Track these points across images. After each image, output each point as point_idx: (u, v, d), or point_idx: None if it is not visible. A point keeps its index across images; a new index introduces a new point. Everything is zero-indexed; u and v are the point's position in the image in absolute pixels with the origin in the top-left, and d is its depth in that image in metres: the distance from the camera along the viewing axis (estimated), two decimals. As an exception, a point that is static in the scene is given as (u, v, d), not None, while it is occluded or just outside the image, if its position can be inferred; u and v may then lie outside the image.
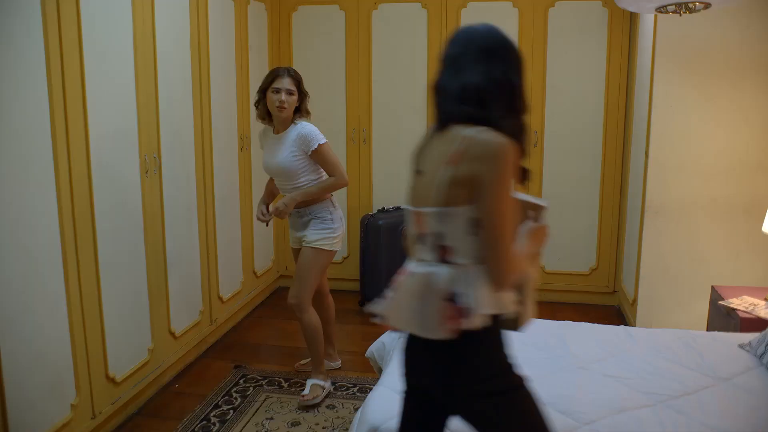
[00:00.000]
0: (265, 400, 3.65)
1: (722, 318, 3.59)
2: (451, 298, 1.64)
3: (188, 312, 4.09)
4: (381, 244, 4.95)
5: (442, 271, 1.67)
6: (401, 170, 5.36)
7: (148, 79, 3.52)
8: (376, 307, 1.83)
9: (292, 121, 3.55)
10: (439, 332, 1.65)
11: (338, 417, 3.47)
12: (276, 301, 5.38)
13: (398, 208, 5.19)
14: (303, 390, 3.68)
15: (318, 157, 3.52)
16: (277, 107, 3.45)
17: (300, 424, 3.39)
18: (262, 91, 3.51)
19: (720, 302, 3.62)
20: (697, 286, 4.16)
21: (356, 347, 4.35)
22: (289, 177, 3.55)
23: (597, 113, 5.09)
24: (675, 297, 4.22)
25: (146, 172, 3.53)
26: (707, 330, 3.83)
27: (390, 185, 5.40)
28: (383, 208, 5.20)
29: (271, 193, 3.85)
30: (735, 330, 3.37)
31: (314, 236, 3.58)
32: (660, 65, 4.05)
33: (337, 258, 5.54)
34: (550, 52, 5.06)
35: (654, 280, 4.27)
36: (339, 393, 3.75)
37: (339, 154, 5.33)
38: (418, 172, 1.84)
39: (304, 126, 3.53)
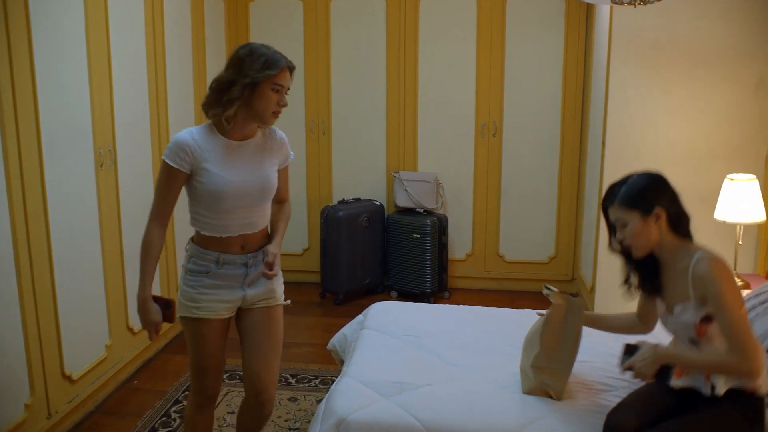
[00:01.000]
0: (227, 393, 3.61)
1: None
2: None
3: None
4: (341, 235, 4.94)
5: None
6: (361, 161, 5.36)
7: (101, 71, 3.44)
8: None
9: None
10: None
11: (300, 409, 3.46)
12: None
13: (358, 200, 5.18)
14: None
15: (284, 172, 2.62)
16: (275, 112, 2.37)
17: (262, 418, 3.37)
18: (251, 85, 2.28)
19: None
20: (653, 272, 4.24)
21: (317, 339, 4.34)
22: (265, 200, 2.45)
23: (555, 104, 5.14)
24: (632, 284, 4.29)
25: (101, 166, 3.46)
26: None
27: (350, 177, 5.39)
28: (343, 199, 5.18)
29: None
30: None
31: (280, 288, 2.58)
32: (616, 56, 4.11)
33: (297, 250, 5.52)
34: (509, 43, 5.09)
35: (611, 268, 4.30)
36: (301, 385, 3.73)
37: (299, 146, 5.32)
38: None
39: (279, 131, 2.60)
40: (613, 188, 2.29)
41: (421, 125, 5.26)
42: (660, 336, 2.64)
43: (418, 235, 5.01)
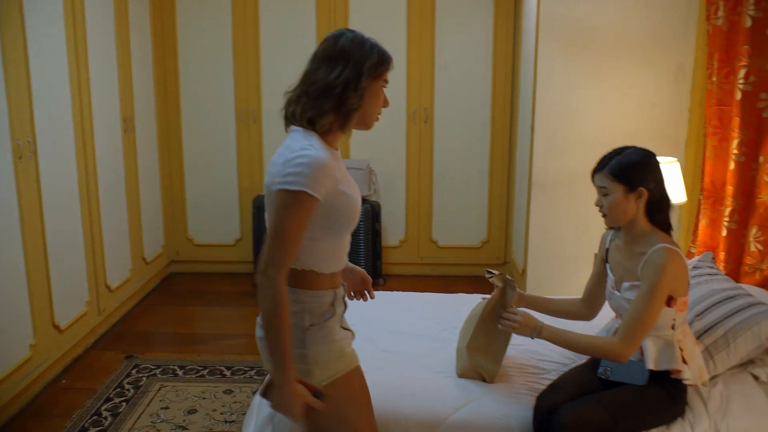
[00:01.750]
0: (160, 389, 3.54)
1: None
2: None
3: (73, 303, 3.90)
4: (275, 225, 4.89)
5: None
6: (293, 150, 5.30)
7: (16, 59, 3.30)
8: None
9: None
10: None
11: (236, 402, 3.42)
12: (168, 287, 5.22)
13: (291, 188, 5.13)
14: (200, 375, 3.59)
15: None
16: (355, 108, 1.88)
17: (197, 411, 3.32)
18: (360, 77, 1.85)
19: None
20: (582, 255, 4.35)
21: (252, 330, 4.22)
22: None
23: (485, 90, 5.20)
24: (561, 266, 4.39)
25: (20, 158, 3.32)
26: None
27: (282, 165, 5.33)
28: (276, 188, 5.13)
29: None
30: (616, 294, 3.55)
31: None
32: (543, 43, 4.18)
33: (230, 240, 5.44)
34: (438, 30, 5.11)
35: (541, 251, 4.43)
36: (236, 377, 3.69)
37: (228, 135, 5.25)
38: None
39: None
40: (606, 157, 2.33)
41: (353, 112, 5.23)
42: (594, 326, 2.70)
43: (352, 223, 5.00)
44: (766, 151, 3.32)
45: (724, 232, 3.50)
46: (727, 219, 3.48)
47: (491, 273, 2.51)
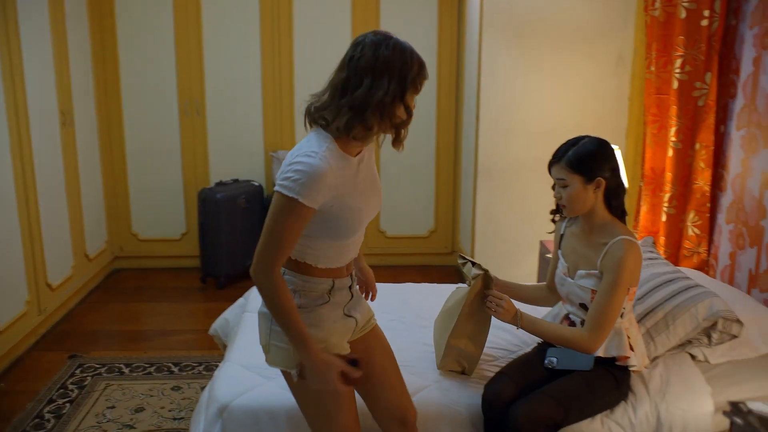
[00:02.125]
0: (105, 388, 3.47)
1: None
2: None
3: (11, 303, 3.78)
4: (220, 218, 4.82)
5: None
6: (238, 142, 5.24)
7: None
8: None
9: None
10: None
11: (185, 398, 3.37)
12: (112, 284, 5.11)
13: (236, 181, 5.07)
14: (147, 373, 3.53)
15: None
16: (405, 120, 1.88)
17: (144, 409, 3.26)
18: (406, 91, 1.83)
19: (547, 255, 3.87)
20: (528, 241, 4.42)
21: (199, 325, 4.24)
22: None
23: (430, 79, 5.17)
24: (508, 253, 4.46)
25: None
26: (537, 282, 4.08)
27: (226, 158, 5.26)
28: (221, 181, 5.06)
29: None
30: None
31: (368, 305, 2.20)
32: (487, 34, 4.21)
33: (175, 235, 5.35)
34: (383, 19, 5.11)
35: (488, 239, 4.49)
36: (184, 373, 3.64)
37: (171, 127, 5.15)
38: None
39: None
40: (562, 148, 2.32)
41: (298, 103, 5.20)
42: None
43: (299, 215, 4.97)
44: (701, 139, 3.42)
45: (664, 218, 3.60)
46: (666, 205, 3.58)
47: (465, 260, 2.47)
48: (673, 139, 3.48)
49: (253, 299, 3.16)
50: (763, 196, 3.07)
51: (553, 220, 2.51)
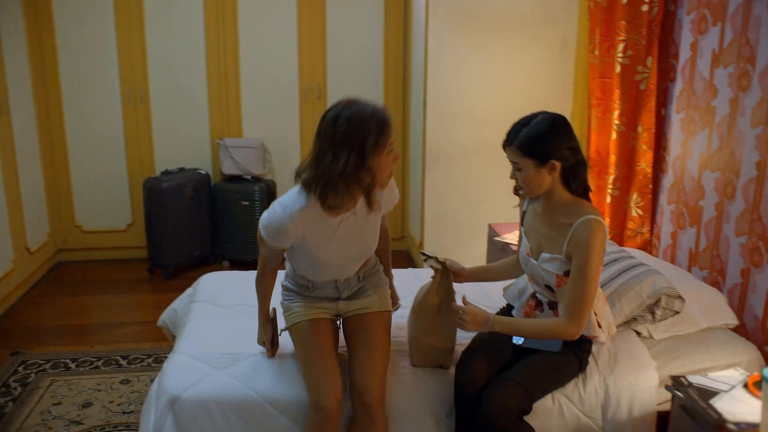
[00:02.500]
0: (51, 384, 3.38)
1: (498, 253, 3.89)
2: None
3: (-51, 299, 3.65)
4: (166, 207, 4.73)
5: None
6: (183, 130, 5.15)
7: None
8: None
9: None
10: None
11: (134, 391, 3.32)
12: (56, 277, 4.98)
13: (182, 169, 4.98)
14: (95, 367, 3.46)
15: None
16: (371, 183, 2.13)
17: (92, 404, 3.19)
18: (366, 158, 2.05)
19: (496, 238, 3.91)
20: (476, 225, 4.47)
21: (148, 317, 4.17)
22: (362, 260, 2.41)
23: (377, 65, 5.21)
24: (457, 237, 4.49)
25: None
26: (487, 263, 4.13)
27: (172, 146, 5.16)
28: (166, 170, 4.96)
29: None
30: (510, 263, 3.66)
31: (380, 300, 2.45)
32: (433, 19, 4.22)
33: (121, 225, 5.24)
34: (329, 4, 5.06)
35: (437, 223, 4.52)
36: (133, 366, 3.57)
37: (114, 116, 5.03)
38: None
39: None
40: (514, 128, 2.22)
41: (244, 90, 5.13)
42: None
43: (247, 202, 4.93)
44: (643, 122, 3.49)
45: (609, 199, 3.68)
46: (610, 186, 3.66)
47: (427, 256, 2.43)
48: (617, 122, 3.55)
49: (201, 289, 3.12)
50: (701, 177, 3.16)
51: (516, 193, 2.36)
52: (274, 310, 2.48)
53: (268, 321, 2.46)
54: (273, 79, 5.13)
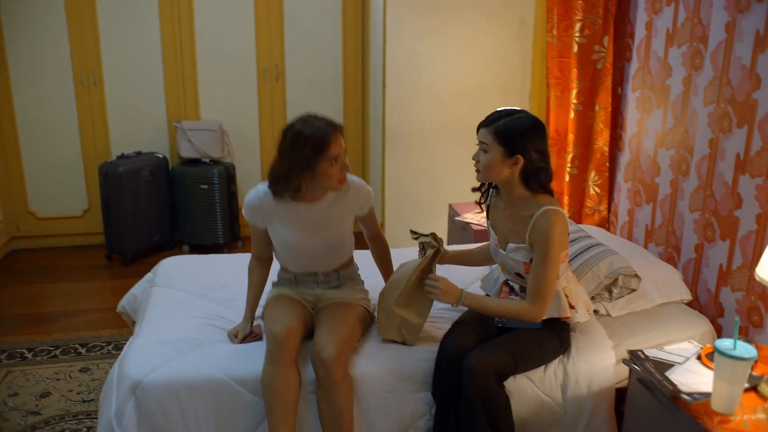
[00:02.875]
0: (6, 375, 3.31)
1: (459, 232, 3.93)
2: None
3: None
4: (123, 192, 4.65)
5: None
6: (139, 113, 5.06)
7: None
8: None
9: None
10: None
11: (94, 379, 3.27)
12: (9, 265, 4.86)
13: (139, 153, 4.90)
14: (53, 356, 3.40)
15: (369, 216, 2.71)
16: (339, 180, 2.44)
17: (51, 394, 3.14)
18: (309, 170, 2.35)
19: (456, 218, 3.94)
20: (437, 205, 4.48)
21: (107, 303, 4.11)
22: (332, 255, 2.60)
23: (336, 46, 5.16)
24: (418, 218, 4.51)
25: None
26: (448, 244, 4.15)
27: (128, 129, 5.06)
28: (122, 154, 4.87)
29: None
30: (470, 241, 3.69)
31: (354, 295, 2.60)
32: (391, -2, 4.19)
33: (76, 211, 5.14)
34: (286, -16, 5.01)
35: (398, 204, 4.52)
36: (93, 354, 3.52)
37: (67, 99, 4.92)
38: None
39: (356, 180, 2.65)
40: (496, 114, 2.29)
41: (201, 72, 5.05)
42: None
43: (206, 186, 4.86)
44: (600, 100, 3.53)
45: (567, 178, 3.72)
46: (569, 165, 3.70)
47: (417, 234, 2.47)
48: (575, 101, 3.58)
49: (161, 273, 3.08)
50: (656, 155, 3.22)
51: (478, 202, 2.54)
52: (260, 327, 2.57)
53: (251, 320, 2.56)
54: (230, 60, 5.06)
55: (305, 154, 2.31)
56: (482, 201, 2.54)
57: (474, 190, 2.52)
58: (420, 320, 2.47)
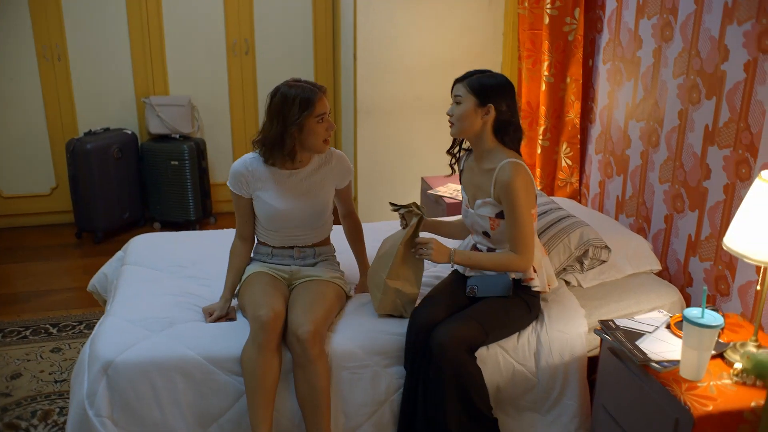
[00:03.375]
0: (-24, 357, 3.28)
1: (432, 205, 3.93)
2: None
3: None
4: (92, 169, 4.57)
5: None
6: (106, 88, 4.96)
7: None
8: None
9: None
10: None
11: (66, 359, 3.24)
12: (-24, 245, 4.78)
13: (107, 130, 4.81)
14: (23, 337, 3.35)
15: (346, 190, 2.76)
16: (325, 140, 2.51)
17: (22, 375, 3.11)
18: (298, 127, 2.42)
19: (429, 191, 3.94)
20: (410, 178, 4.48)
21: (77, 282, 4.06)
22: (314, 223, 2.63)
23: (306, 19, 5.10)
24: (391, 191, 4.50)
25: None
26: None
27: (95, 105, 4.96)
28: (90, 130, 4.78)
29: None
30: (443, 214, 3.70)
31: (329, 273, 2.61)
32: (361, -32, 4.14)
33: (44, 190, 5.04)
34: (254, -45, 4.92)
35: (371, 178, 4.51)
36: (64, 334, 3.49)
37: (30, 74, 4.81)
38: None
39: (336, 151, 2.71)
40: (472, 71, 2.41)
41: (169, 46, 4.96)
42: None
43: (176, 162, 4.80)
44: (572, 72, 3.54)
45: (539, 150, 3.73)
46: (541, 137, 3.71)
47: (398, 206, 2.49)
48: (546, 73, 3.58)
49: (131, 251, 3.05)
50: (627, 127, 3.24)
51: (451, 165, 2.60)
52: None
53: (229, 301, 2.56)
54: (199, 34, 4.97)
55: (293, 111, 2.40)
56: (454, 163, 2.59)
57: (448, 151, 2.59)
58: (415, 290, 2.51)
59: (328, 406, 2.30)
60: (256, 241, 2.69)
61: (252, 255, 2.68)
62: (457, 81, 2.42)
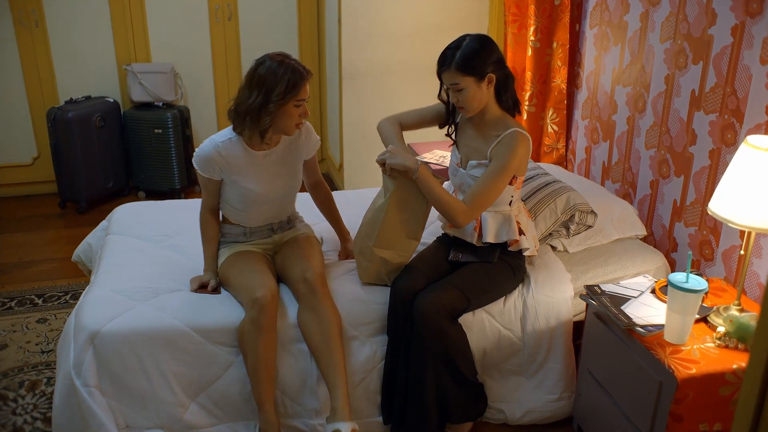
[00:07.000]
0: (-39, 327, 3.26)
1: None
2: None
3: None
4: (74, 138, 4.51)
5: None
6: (86, 56, 4.87)
7: None
8: None
9: None
10: None
11: (52, 330, 3.23)
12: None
13: (88, 98, 4.74)
14: (8, 308, 3.33)
15: (313, 159, 2.73)
16: (297, 124, 2.43)
17: (8, 346, 3.09)
18: (278, 106, 2.34)
19: (415, 157, 3.92)
20: (396, 146, 4.45)
21: (62, 253, 4.03)
22: (288, 198, 2.66)
23: (289, -17, 5.02)
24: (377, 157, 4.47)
25: None
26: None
27: (75, 73, 4.88)
28: (71, 99, 4.70)
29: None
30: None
31: (305, 228, 2.71)
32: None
33: (26, 159, 4.97)
34: None
35: (356, 144, 4.48)
36: (50, 304, 3.47)
37: (7, 41, 4.73)
38: None
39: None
40: (447, 53, 2.32)
41: (150, 11, 4.86)
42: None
43: (160, 130, 4.75)
44: (558, 37, 3.51)
45: (525, 116, 3.72)
46: (527, 103, 3.69)
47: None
48: (532, 38, 3.55)
49: (115, 221, 3.02)
50: (614, 92, 3.22)
51: (447, 134, 2.55)
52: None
53: (216, 272, 2.52)
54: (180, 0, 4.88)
55: (278, 90, 2.31)
56: (450, 133, 2.55)
57: (441, 126, 2.57)
58: (401, 259, 2.46)
59: (341, 345, 2.33)
60: (225, 228, 2.60)
61: (223, 239, 2.60)
62: (443, 70, 2.33)
